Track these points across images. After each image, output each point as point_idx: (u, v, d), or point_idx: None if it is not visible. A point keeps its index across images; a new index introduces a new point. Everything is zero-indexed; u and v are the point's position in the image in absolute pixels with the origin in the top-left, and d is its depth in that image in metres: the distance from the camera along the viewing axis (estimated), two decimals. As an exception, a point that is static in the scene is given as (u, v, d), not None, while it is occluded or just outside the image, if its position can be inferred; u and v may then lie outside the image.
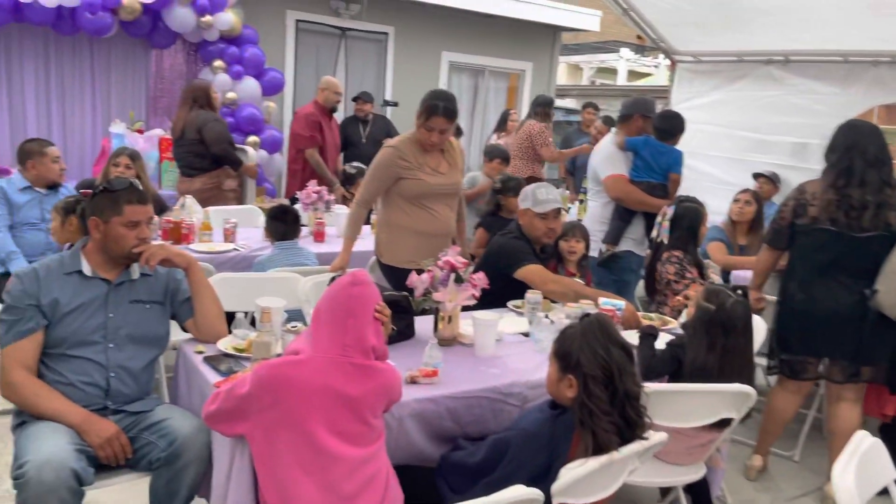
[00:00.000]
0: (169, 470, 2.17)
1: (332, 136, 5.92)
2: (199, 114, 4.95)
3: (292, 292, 3.18)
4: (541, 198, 3.32)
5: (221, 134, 4.97)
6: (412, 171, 3.29)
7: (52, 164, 4.00)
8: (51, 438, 2.05)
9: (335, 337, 1.87)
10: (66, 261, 2.33)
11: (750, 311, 2.58)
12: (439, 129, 3.25)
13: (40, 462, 1.95)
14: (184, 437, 2.17)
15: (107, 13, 5.59)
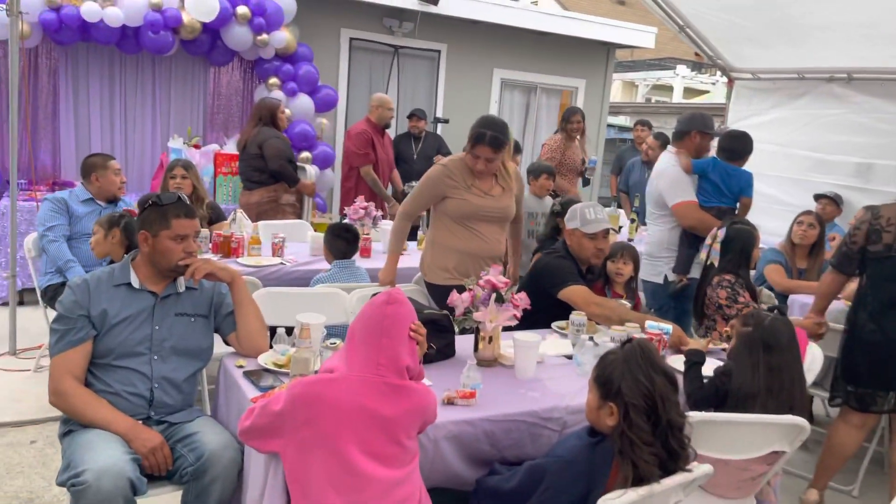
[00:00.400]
0: (197, 485, 2.19)
1: (384, 153, 5.97)
2: (262, 130, 5.12)
3: (335, 308, 3.19)
4: (589, 217, 3.27)
5: (280, 151, 5.09)
6: (459, 191, 3.29)
7: (114, 176, 4.14)
8: (107, 447, 2.09)
9: (369, 356, 1.85)
10: (116, 273, 2.39)
11: (792, 328, 2.47)
12: (485, 157, 3.23)
13: (99, 470, 1.98)
14: (211, 453, 2.18)
15: (168, 32, 5.78)
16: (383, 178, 5.95)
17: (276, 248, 4.17)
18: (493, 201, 3.33)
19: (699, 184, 3.95)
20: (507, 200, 3.39)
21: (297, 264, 4.03)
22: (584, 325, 2.90)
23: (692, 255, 3.88)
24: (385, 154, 5.99)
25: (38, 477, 3.07)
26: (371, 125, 5.87)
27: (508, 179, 3.41)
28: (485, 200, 3.30)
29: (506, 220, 3.44)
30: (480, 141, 3.21)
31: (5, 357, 4.41)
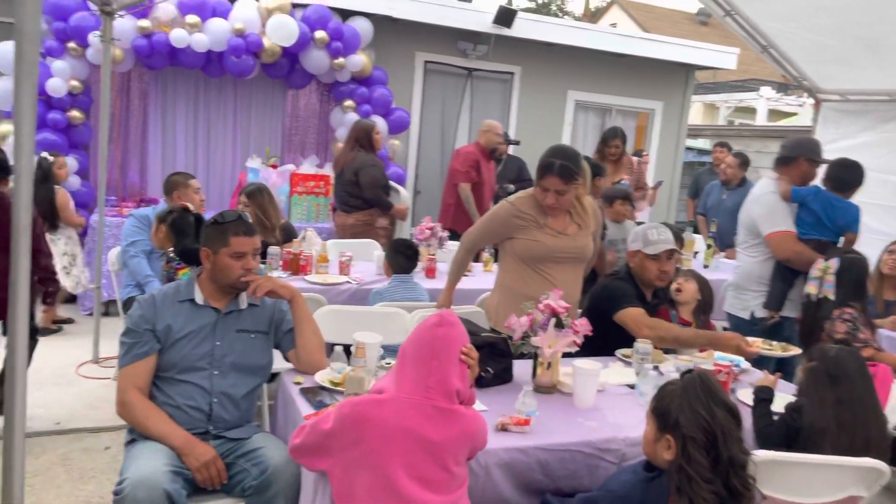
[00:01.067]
0: (260, 498, 2.21)
1: (489, 177, 5.93)
2: (359, 156, 5.25)
3: (395, 328, 3.20)
4: (651, 238, 3.16)
5: (375, 179, 5.23)
6: (528, 230, 3.03)
7: (193, 194, 4.30)
8: (150, 458, 2.14)
9: (418, 378, 1.84)
10: (181, 289, 2.46)
11: (860, 360, 2.32)
12: (554, 189, 2.95)
13: (136, 480, 2.04)
14: (275, 467, 2.21)
15: (250, 56, 6.01)
16: (483, 201, 5.91)
17: (343, 267, 4.23)
18: (567, 241, 3.04)
19: (797, 213, 3.70)
20: (584, 239, 3.11)
21: (363, 283, 4.07)
22: (650, 354, 2.80)
23: (786, 291, 3.65)
24: (489, 178, 5.97)
25: (109, 483, 3.18)
26: (479, 148, 5.85)
27: (585, 216, 3.11)
28: (558, 241, 3.02)
29: (582, 262, 3.16)
30: (549, 171, 2.94)
31: (87, 365, 4.62)
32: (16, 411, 1.66)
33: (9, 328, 1.63)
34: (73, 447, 3.50)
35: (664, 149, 9.00)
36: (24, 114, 1.56)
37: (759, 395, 2.43)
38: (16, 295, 1.61)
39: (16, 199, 1.59)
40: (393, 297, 3.61)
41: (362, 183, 5.20)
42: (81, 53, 5.57)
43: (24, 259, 1.61)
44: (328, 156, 7.01)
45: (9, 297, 1.61)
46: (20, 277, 1.61)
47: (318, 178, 6.39)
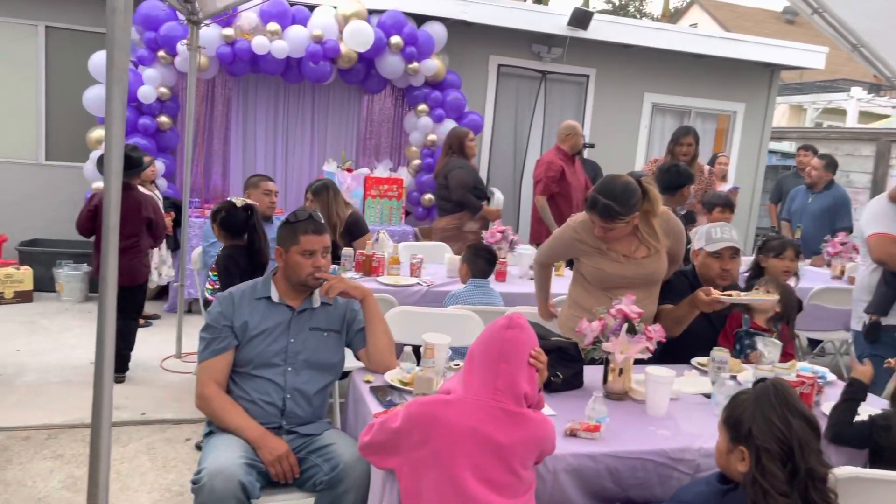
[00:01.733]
0: (331, 494, 2.25)
1: (576, 180, 5.81)
2: (451, 160, 5.47)
3: (465, 330, 3.20)
4: (714, 236, 3.08)
5: (462, 181, 5.36)
6: (591, 256, 2.94)
7: (264, 196, 4.42)
8: (226, 450, 2.22)
9: (486, 380, 1.83)
10: (258, 287, 2.54)
11: None
12: (599, 225, 2.86)
13: (213, 471, 2.11)
14: (346, 464, 2.25)
15: (327, 62, 6.15)
16: (577, 203, 5.81)
17: (414, 269, 4.27)
18: (634, 267, 2.91)
19: None
20: (654, 264, 2.96)
21: (433, 285, 4.10)
22: (726, 363, 2.71)
23: (891, 296, 3.49)
24: (577, 181, 5.83)
25: (189, 472, 3.30)
26: (561, 153, 5.70)
27: (654, 239, 2.95)
28: (624, 267, 2.90)
29: (655, 284, 3.03)
30: (592, 208, 2.84)
31: (171, 359, 4.83)
32: (104, 401, 1.74)
33: (98, 322, 1.71)
34: (157, 437, 3.65)
35: (745, 152, 8.69)
36: (114, 118, 1.64)
37: (850, 391, 2.29)
38: (105, 288, 1.69)
39: (105, 199, 1.67)
40: (470, 300, 3.62)
41: (450, 185, 5.37)
42: (170, 62, 5.83)
43: (112, 257, 1.69)
44: (402, 160, 7.10)
45: (99, 290, 1.70)
46: (109, 273, 1.69)
47: (392, 181, 6.47)
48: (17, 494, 3.03)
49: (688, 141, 5.26)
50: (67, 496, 3.04)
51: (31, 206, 6.60)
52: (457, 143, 5.50)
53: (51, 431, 3.62)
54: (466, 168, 5.45)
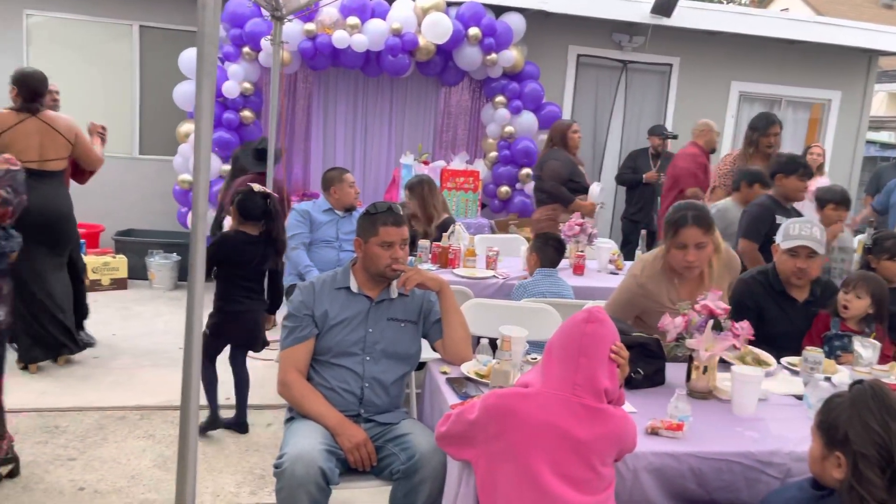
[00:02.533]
0: (407, 483, 2.27)
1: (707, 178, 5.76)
2: (550, 152, 5.50)
3: (541, 324, 3.16)
4: (791, 232, 2.92)
5: (556, 173, 5.36)
6: (659, 307, 2.73)
7: (349, 188, 4.51)
8: (307, 436, 2.26)
9: (565, 374, 1.80)
10: (338, 277, 2.58)
11: None
12: (694, 243, 2.70)
13: (294, 456, 2.16)
14: (422, 454, 2.26)
15: (405, 55, 6.19)
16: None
17: (490, 261, 4.25)
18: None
19: None
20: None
21: (509, 278, 4.07)
22: (820, 364, 2.57)
23: None
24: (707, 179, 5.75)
25: (270, 456, 3.40)
26: (700, 149, 5.65)
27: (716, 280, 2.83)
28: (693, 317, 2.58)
29: None
30: (684, 223, 2.69)
31: (254, 346, 4.97)
32: (192, 385, 1.81)
33: (187, 309, 1.77)
34: (240, 421, 3.77)
35: (841, 143, 8.24)
36: (204, 109, 1.68)
37: None
38: (194, 276, 1.75)
39: (194, 189, 1.72)
40: (537, 290, 3.58)
41: (543, 176, 5.39)
42: (254, 57, 6.00)
43: (200, 244, 1.74)
44: (478, 152, 7.09)
45: (188, 278, 1.76)
46: (197, 261, 1.74)
47: (468, 174, 6.46)
48: (112, 471, 3.19)
49: (775, 131, 4.88)
50: (158, 474, 3.19)
51: (125, 198, 6.94)
52: (559, 135, 5.48)
53: (143, 412, 3.79)
54: (563, 160, 5.40)
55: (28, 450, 3.30)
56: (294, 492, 2.13)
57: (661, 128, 6.43)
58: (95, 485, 3.07)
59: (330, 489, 2.21)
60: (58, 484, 3.05)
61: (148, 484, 3.10)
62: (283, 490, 2.15)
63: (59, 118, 4.13)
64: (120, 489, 3.05)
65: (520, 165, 6.68)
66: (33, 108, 4.05)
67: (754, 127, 4.84)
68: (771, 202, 4.03)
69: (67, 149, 4.11)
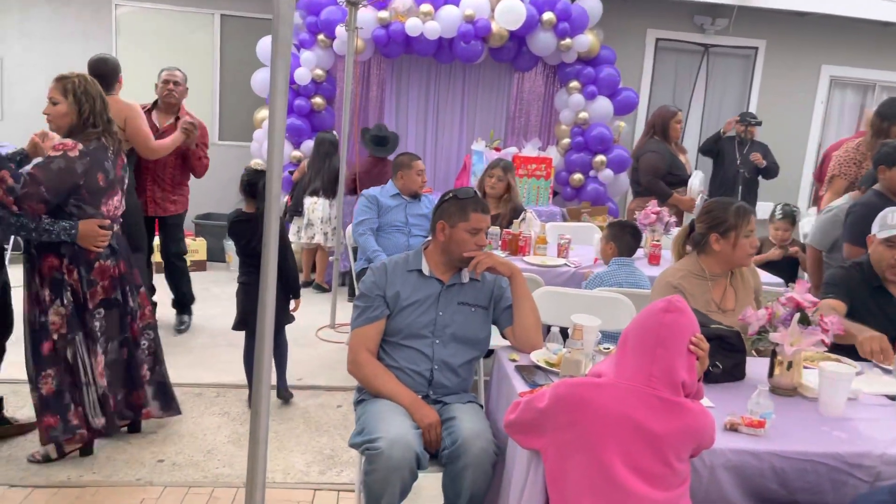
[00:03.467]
0: (452, 468, 2.24)
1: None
2: (648, 142, 5.31)
3: (614, 313, 3.08)
4: (889, 221, 2.74)
5: (653, 166, 5.18)
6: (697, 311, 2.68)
7: (416, 176, 4.50)
8: (397, 418, 2.26)
9: (641, 365, 1.73)
10: (410, 259, 2.58)
11: None
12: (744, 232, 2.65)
13: (392, 439, 2.15)
14: (464, 439, 2.22)
15: (478, 41, 6.13)
16: None
17: (561, 249, 4.18)
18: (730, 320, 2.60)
19: None
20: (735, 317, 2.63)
21: (581, 267, 3.99)
22: (917, 363, 2.41)
23: None
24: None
25: (340, 437, 3.45)
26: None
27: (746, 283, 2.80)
28: (726, 319, 2.60)
29: None
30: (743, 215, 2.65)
31: (325, 329, 5.07)
32: (263, 365, 1.83)
33: (260, 291, 1.78)
34: (311, 402, 3.84)
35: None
36: (278, 91, 1.70)
37: None
38: (267, 258, 1.76)
39: (268, 172, 1.74)
40: (613, 280, 3.48)
41: (640, 169, 5.22)
42: (329, 45, 6.07)
43: (274, 226, 1.76)
44: (551, 138, 6.97)
45: (262, 260, 1.77)
46: (270, 243, 1.75)
47: (540, 160, 6.36)
48: (190, 445, 3.30)
49: None
50: (232, 450, 3.28)
51: (205, 183, 7.08)
52: (660, 124, 5.25)
53: (219, 390, 3.91)
54: (661, 152, 5.19)
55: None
56: (389, 475, 2.12)
57: (749, 115, 6.15)
58: (174, 457, 3.18)
59: (418, 474, 2.20)
60: (139, 455, 3.18)
61: (222, 459, 3.20)
62: (376, 472, 2.12)
63: (113, 103, 4.19)
64: (196, 463, 3.15)
65: (593, 152, 6.54)
66: None
67: (884, 115, 4.27)
68: (878, 198, 3.57)
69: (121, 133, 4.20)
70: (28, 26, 6.66)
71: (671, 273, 2.78)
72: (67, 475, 2.97)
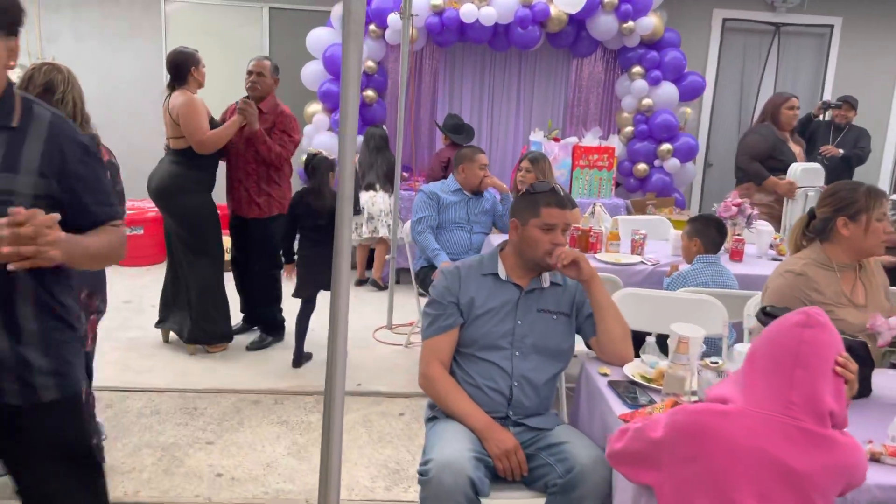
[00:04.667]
0: (564, 498, 2.02)
1: None
2: (755, 127, 5.03)
3: (705, 317, 2.80)
4: None
5: (751, 147, 4.90)
6: (829, 307, 2.30)
7: (478, 170, 4.26)
8: (454, 441, 2.05)
9: (777, 390, 1.47)
10: (485, 262, 2.35)
11: None
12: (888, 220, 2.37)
13: (442, 463, 1.95)
14: (582, 467, 2.00)
15: (536, 27, 5.85)
16: None
17: (635, 246, 3.89)
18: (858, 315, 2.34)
19: None
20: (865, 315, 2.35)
21: (658, 264, 3.71)
22: None
23: None
24: None
25: (405, 450, 3.25)
26: None
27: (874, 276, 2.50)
28: (859, 315, 2.34)
29: None
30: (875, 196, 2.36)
31: (382, 330, 4.87)
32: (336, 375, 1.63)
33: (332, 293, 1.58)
34: (372, 410, 3.65)
35: None
36: (351, 72, 1.48)
37: None
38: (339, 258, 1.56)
39: (340, 170, 1.53)
40: (700, 280, 3.19)
41: (738, 150, 4.96)
42: (380, 35, 5.87)
43: (346, 227, 1.55)
44: (612, 127, 6.64)
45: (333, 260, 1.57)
46: (343, 242, 1.55)
47: (602, 150, 6.06)
48: (248, 457, 3.14)
49: None
50: (293, 463, 3.11)
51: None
52: (770, 110, 4.96)
53: (277, 396, 3.75)
54: (764, 135, 4.86)
55: (169, 431, 3.32)
56: (441, 501, 1.92)
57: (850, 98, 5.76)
58: (232, 471, 3.02)
59: (479, 500, 1.99)
60: (197, 468, 3.03)
61: (283, 473, 3.03)
62: (428, 500, 1.95)
63: (173, 97, 4.06)
64: (256, 477, 2.99)
65: (658, 141, 6.20)
66: (171, 86, 4.08)
67: None
68: None
69: (175, 128, 4.04)
70: (78, 25, 6.63)
71: (791, 263, 2.48)
72: (124, 490, 2.84)
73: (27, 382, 1.64)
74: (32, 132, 1.58)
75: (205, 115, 4.02)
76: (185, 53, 4.07)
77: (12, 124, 1.57)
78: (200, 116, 3.98)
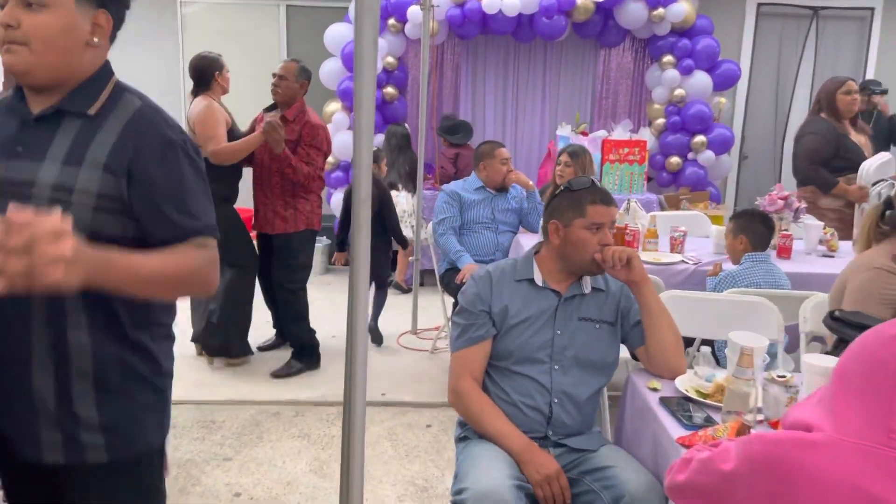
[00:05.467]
0: None
1: None
2: (810, 121, 4.42)
3: (757, 321, 2.57)
4: None
5: (812, 150, 4.29)
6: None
7: (500, 165, 4.04)
8: (492, 468, 1.85)
9: (874, 416, 1.24)
10: (518, 266, 2.15)
11: None
12: None
13: (479, 493, 1.75)
14: (632, 495, 1.78)
15: (561, 16, 5.63)
16: None
17: (675, 244, 3.66)
18: None
19: None
20: None
21: (700, 263, 3.47)
22: None
23: None
24: None
25: (433, 465, 3.06)
26: None
27: None
28: None
29: None
30: None
31: (407, 335, 4.68)
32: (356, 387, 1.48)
33: (349, 300, 1.42)
34: (398, 422, 3.46)
35: None
36: (366, 58, 1.29)
37: None
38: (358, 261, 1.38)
39: (355, 172, 1.35)
40: (749, 281, 2.96)
41: (797, 153, 4.37)
42: (400, 29, 5.68)
43: (364, 229, 1.37)
44: (643, 119, 6.39)
45: (351, 263, 1.41)
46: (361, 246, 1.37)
47: (633, 143, 5.81)
48: (267, 475, 2.97)
49: None
50: (314, 480, 2.93)
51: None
52: (825, 98, 4.30)
53: (298, 408, 3.58)
54: (823, 133, 4.27)
55: (186, 446, 3.16)
56: None
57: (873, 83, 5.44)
58: (251, 490, 2.85)
59: None
60: (214, 487, 2.87)
61: (304, 492, 2.85)
62: None
63: (194, 103, 3.87)
64: (276, 497, 2.81)
65: (692, 133, 5.93)
66: (195, 91, 3.90)
67: None
68: None
69: (193, 136, 3.85)
70: (95, 28, 6.54)
71: (870, 258, 2.24)
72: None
73: (71, 436, 1.31)
74: (111, 121, 1.33)
75: (222, 123, 3.79)
76: (209, 58, 3.88)
77: (89, 111, 1.33)
78: (217, 125, 3.73)
